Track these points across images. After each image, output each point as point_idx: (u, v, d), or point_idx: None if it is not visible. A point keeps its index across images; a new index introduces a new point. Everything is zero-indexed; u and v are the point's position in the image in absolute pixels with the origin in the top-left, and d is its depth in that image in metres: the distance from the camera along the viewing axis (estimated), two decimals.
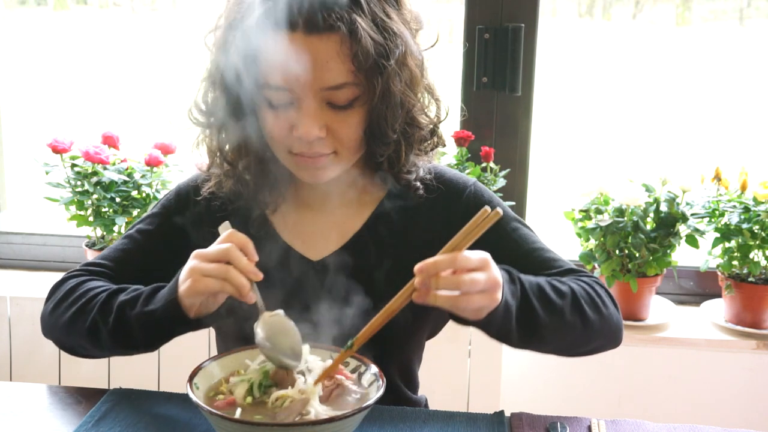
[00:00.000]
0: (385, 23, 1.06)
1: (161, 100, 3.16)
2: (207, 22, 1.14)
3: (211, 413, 0.90)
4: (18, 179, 2.67)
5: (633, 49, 3.20)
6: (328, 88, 1.04)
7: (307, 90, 1.04)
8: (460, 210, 1.20)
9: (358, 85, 1.05)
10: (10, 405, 1.13)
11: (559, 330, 1.07)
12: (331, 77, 1.04)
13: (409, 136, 1.14)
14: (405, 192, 1.20)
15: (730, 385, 2.04)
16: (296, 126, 1.06)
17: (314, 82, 1.03)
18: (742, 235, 1.97)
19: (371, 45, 1.03)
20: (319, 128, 1.06)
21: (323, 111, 1.06)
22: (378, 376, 1.00)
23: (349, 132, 1.09)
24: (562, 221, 2.08)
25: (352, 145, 1.11)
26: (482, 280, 0.94)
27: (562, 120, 3.15)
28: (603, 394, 2.07)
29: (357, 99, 1.07)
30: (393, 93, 1.07)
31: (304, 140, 1.07)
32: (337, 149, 1.10)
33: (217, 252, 1.00)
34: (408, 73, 1.09)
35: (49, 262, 2.38)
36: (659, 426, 1.10)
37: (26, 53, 3.32)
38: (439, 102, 1.18)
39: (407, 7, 1.13)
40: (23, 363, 2.16)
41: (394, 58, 1.05)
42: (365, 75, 1.04)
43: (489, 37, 2.06)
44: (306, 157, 1.10)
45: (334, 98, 1.06)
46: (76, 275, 1.19)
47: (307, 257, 1.20)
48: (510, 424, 1.10)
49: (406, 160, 1.16)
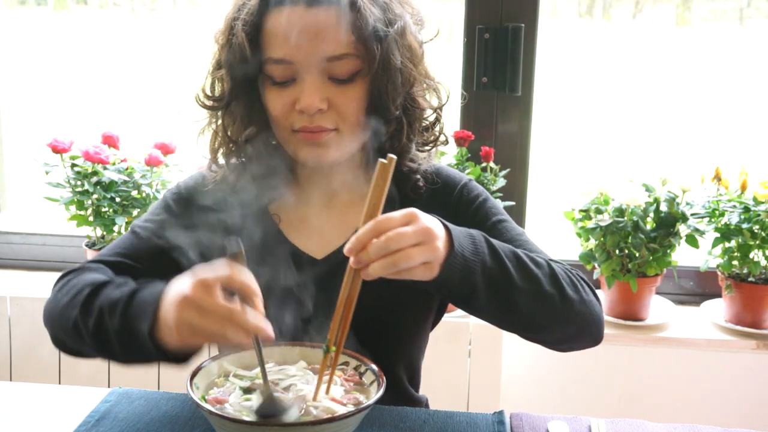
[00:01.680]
0: (384, 1, 1.10)
1: (161, 99, 3.15)
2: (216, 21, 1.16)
3: (211, 413, 0.90)
4: (18, 179, 2.67)
5: (633, 49, 3.20)
6: (329, 58, 1.07)
7: (309, 61, 1.07)
8: (452, 204, 1.22)
9: (359, 57, 1.07)
10: (10, 405, 1.13)
11: (536, 299, 1.03)
12: (331, 48, 1.06)
13: (410, 115, 1.16)
14: (405, 186, 1.20)
15: (730, 385, 2.04)
16: (298, 100, 1.08)
17: (315, 53, 1.06)
18: (742, 235, 1.97)
19: (371, 15, 1.06)
20: (321, 100, 1.08)
21: (325, 84, 1.08)
22: (378, 376, 1.00)
23: (351, 106, 1.10)
24: (562, 221, 2.08)
25: (354, 121, 1.11)
26: (410, 232, 0.92)
27: (562, 120, 3.15)
28: (603, 394, 2.07)
29: (358, 72, 1.09)
30: (393, 64, 1.09)
31: (306, 113, 1.08)
32: (339, 125, 1.11)
33: (216, 308, 0.88)
34: (407, 45, 1.11)
35: (49, 262, 2.38)
36: (659, 426, 1.10)
37: (26, 53, 3.31)
38: (439, 88, 1.19)
39: (409, 3, 1.15)
40: (23, 363, 2.16)
41: (393, 29, 1.08)
42: (365, 45, 1.07)
43: (489, 37, 2.06)
44: (308, 132, 1.10)
45: (336, 71, 1.08)
46: (77, 270, 1.16)
47: (311, 255, 1.20)
48: (510, 424, 1.10)
49: (408, 142, 1.17)
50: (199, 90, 1.18)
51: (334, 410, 0.94)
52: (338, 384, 1.01)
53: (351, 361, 1.05)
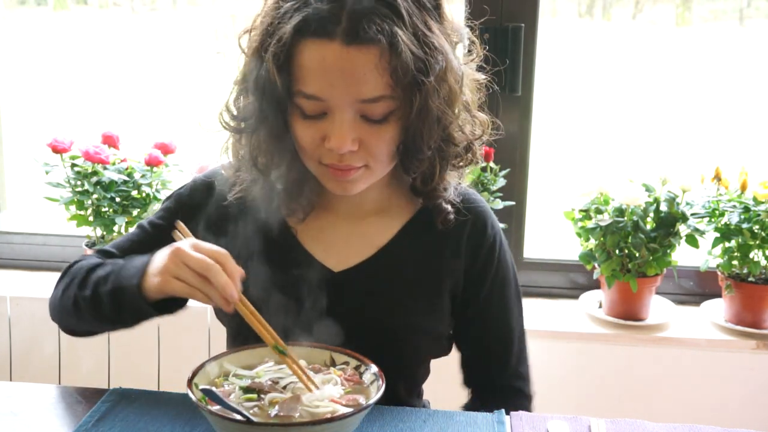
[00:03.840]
0: (426, 37, 1.02)
1: (161, 99, 3.16)
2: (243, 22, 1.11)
3: (211, 413, 0.90)
4: (18, 179, 2.67)
5: (633, 50, 3.20)
6: (363, 100, 1.01)
7: (342, 101, 1.01)
8: (485, 249, 1.21)
9: (395, 99, 1.02)
10: (10, 405, 1.13)
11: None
12: (367, 90, 1.00)
13: (444, 152, 1.11)
14: (436, 213, 1.18)
15: (730, 385, 2.04)
16: (328, 137, 1.03)
17: (350, 93, 1.01)
18: (742, 235, 1.97)
19: (411, 59, 0.99)
20: (352, 141, 1.03)
21: (357, 123, 1.03)
22: (378, 376, 1.00)
23: (382, 146, 1.06)
24: (562, 221, 2.08)
25: (385, 159, 1.08)
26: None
27: (562, 120, 3.15)
28: (603, 393, 2.07)
29: (392, 113, 1.03)
30: (430, 109, 1.03)
31: (335, 152, 1.04)
32: (369, 163, 1.07)
33: (198, 262, 0.96)
34: (447, 89, 1.05)
35: (49, 262, 2.38)
36: (659, 426, 1.10)
37: (26, 53, 3.32)
38: (476, 119, 1.14)
39: (448, 20, 1.10)
40: (23, 363, 2.16)
41: (434, 74, 1.02)
42: (403, 90, 1.01)
43: (489, 37, 2.06)
44: (336, 169, 1.07)
45: (369, 111, 1.03)
46: (75, 262, 1.19)
47: (328, 267, 1.17)
48: (510, 423, 1.10)
49: (440, 178, 1.14)
50: (223, 108, 1.12)
51: (334, 410, 0.94)
52: (338, 384, 1.01)
53: (351, 361, 1.05)
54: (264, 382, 1.00)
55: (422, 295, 1.18)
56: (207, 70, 2.87)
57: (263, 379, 1.01)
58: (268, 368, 1.04)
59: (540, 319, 2.10)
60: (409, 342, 1.18)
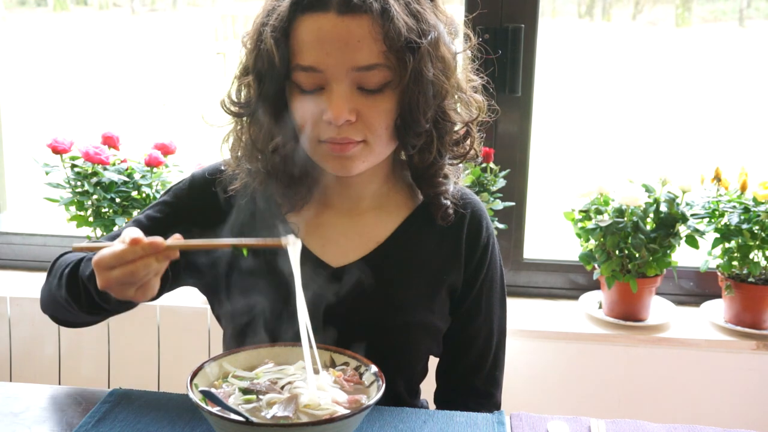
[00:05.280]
0: (418, 10, 1.06)
1: (161, 99, 3.16)
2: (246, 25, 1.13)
3: (211, 413, 0.90)
4: (18, 180, 2.68)
5: (633, 50, 3.20)
6: (359, 68, 1.03)
7: (338, 71, 1.03)
8: (479, 250, 1.22)
9: (390, 68, 1.04)
10: (10, 405, 1.13)
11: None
12: (362, 57, 1.03)
13: (441, 129, 1.12)
14: (435, 209, 1.19)
15: (730, 385, 2.04)
16: (326, 109, 1.05)
17: (345, 62, 1.03)
18: (742, 236, 1.97)
19: (404, 26, 1.03)
20: (349, 111, 1.04)
21: (354, 95, 1.05)
22: (378, 376, 1.00)
23: (380, 118, 1.07)
24: (562, 221, 2.08)
25: (383, 134, 1.08)
26: None
27: (562, 120, 3.16)
28: (603, 394, 2.07)
29: (388, 83, 1.05)
30: (425, 76, 1.05)
31: (333, 124, 1.05)
32: (367, 137, 1.08)
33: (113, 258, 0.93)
34: (441, 58, 1.08)
35: (49, 262, 2.36)
36: (659, 426, 1.10)
37: (26, 54, 3.32)
38: (472, 101, 1.16)
39: (442, 8, 1.12)
40: (23, 363, 2.16)
41: (427, 40, 1.05)
42: (396, 56, 1.03)
43: (489, 37, 2.06)
44: (335, 144, 1.07)
45: (365, 81, 1.04)
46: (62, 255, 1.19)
47: (327, 262, 1.17)
48: (510, 424, 1.10)
49: (438, 157, 1.14)
50: (225, 95, 1.14)
51: (334, 410, 0.94)
52: (338, 385, 1.01)
53: (351, 361, 1.05)
54: (263, 383, 1.00)
55: (421, 291, 1.19)
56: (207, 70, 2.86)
57: (262, 380, 1.01)
58: (268, 369, 1.04)
59: (540, 319, 2.10)
60: (408, 338, 1.19)
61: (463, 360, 1.25)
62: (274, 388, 1.00)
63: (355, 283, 1.15)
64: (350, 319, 1.11)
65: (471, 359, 1.25)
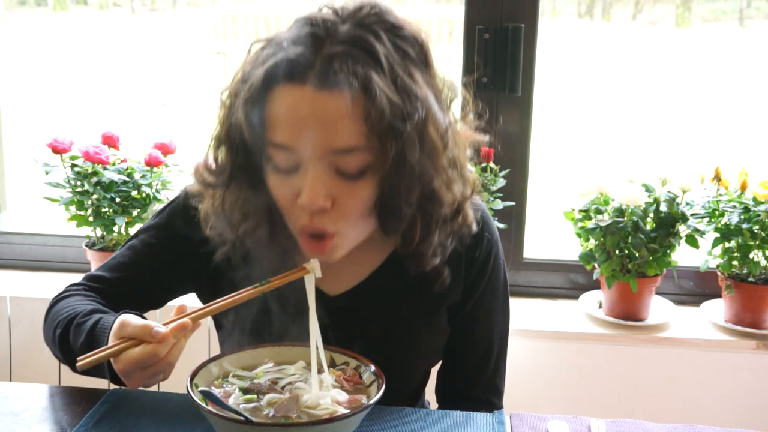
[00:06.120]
0: (405, 84, 0.95)
1: (161, 99, 3.16)
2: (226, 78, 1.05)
3: (211, 413, 0.90)
4: (18, 179, 2.68)
5: (633, 50, 3.20)
6: (336, 151, 0.94)
7: (314, 152, 0.94)
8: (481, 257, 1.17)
9: (371, 151, 0.94)
10: (10, 405, 1.13)
11: None
12: (340, 139, 0.93)
13: (428, 213, 1.03)
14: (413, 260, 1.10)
15: (730, 385, 2.04)
16: (300, 194, 0.96)
17: (322, 143, 0.93)
18: (742, 235, 1.97)
19: (387, 105, 0.92)
20: (324, 197, 0.95)
21: (331, 178, 0.96)
22: (378, 376, 1.00)
23: (357, 206, 0.98)
24: (562, 221, 2.08)
25: (359, 221, 1.01)
26: None
27: (562, 120, 3.16)
28: (603, 394, 2.07)
29: (369, 168, 0.96)
30: (408, 162, 0.95)
31: (306, 209, 0.96)
32: (341, 229, 1.00)
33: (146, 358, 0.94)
34: (428, 140, 0.97)
35: (49, 262, 2.38)
36: (659, 426, 1.10)
37: (26, 54, 3.32)
38: (467, 178, 1.06)
39: (438, 72, 1.02)
40: (23, 363, 2.16)
41: (412, 123, 0.94)
42: (379, 140, 0.93)
43: (489, 37, 2.06)
44: (310, 238, 1.00)
45: (343, 164, 0.95)
46: (70, 293, 1.17)
47: (324, 291, 1.14)
48: (510, 423, 1.10)
49: (425, 242, 1.05)
50: (201, 163, 1.06)
51: (334, 410, 0.94)
52: (337, 384, 1.01)
53: (351, 361, 1.05)
54: (263, 383, 1.00)
55: (421, 313, 1.16)
56: (207, 70, 2.87)
57: (262, 380, 1.01)
58: (268, 369, 1.04)
59: (540, 319, 2.10)
60: (409, 360, 1.18)
61: (463, 368, 1.23)
62: (275, 388, 1.00)
63: (353, 310, 1.14)
64: (350, 346, 1.07)
65: (470, 367, 1.23)
